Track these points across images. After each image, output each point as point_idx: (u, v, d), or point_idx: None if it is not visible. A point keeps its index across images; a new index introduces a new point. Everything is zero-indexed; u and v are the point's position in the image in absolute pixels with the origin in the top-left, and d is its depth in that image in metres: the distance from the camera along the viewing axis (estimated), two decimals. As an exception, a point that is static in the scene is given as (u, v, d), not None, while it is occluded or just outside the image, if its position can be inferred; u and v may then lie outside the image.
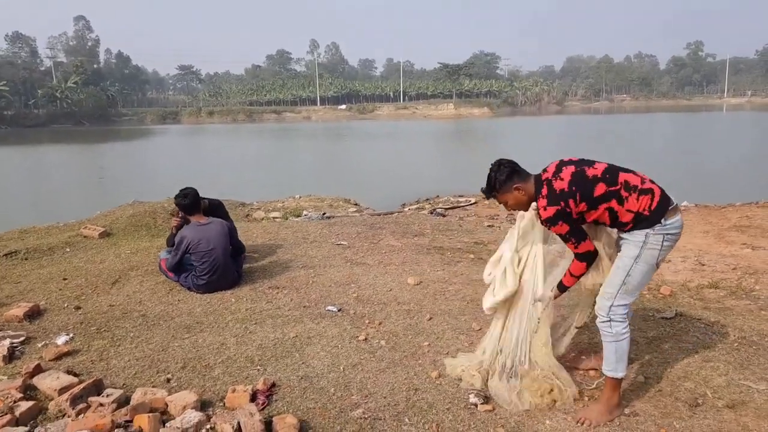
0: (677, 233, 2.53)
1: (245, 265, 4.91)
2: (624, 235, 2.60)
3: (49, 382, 2.87)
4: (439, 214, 8.55)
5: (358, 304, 4.04)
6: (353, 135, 46.84)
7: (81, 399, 2.71)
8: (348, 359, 3.16)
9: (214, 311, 3.95)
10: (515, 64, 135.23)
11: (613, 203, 2.51)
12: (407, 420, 2.57)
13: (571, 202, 2.50)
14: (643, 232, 2.50)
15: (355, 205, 9.08)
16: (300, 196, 9.68)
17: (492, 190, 2.72)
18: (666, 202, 2.49)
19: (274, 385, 2.86)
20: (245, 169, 22.56)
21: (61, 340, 3.50)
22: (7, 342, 3.39)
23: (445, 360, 3.14)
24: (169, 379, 2.99)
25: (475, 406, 2.67)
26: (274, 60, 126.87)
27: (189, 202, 4.45)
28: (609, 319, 2.59)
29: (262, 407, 2.64)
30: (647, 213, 2.48)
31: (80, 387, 2.76)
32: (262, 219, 7.59)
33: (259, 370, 3.06)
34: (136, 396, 2.71)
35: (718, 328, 3.59)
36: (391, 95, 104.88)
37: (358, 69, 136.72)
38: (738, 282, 5.01)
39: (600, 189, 2.50)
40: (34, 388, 2.88)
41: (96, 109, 78.31)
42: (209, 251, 4.28)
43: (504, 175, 2.67)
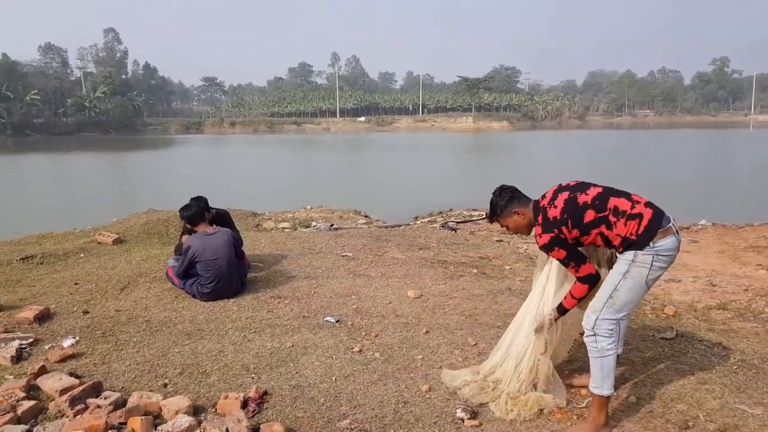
0: (670, 255, 2.55)
1: (250, 274, 5.00)
2: (617, 254, 2.65)
3: (52, 383, 2.96)
4: (450, 228, 8.56)
5: (357, 315, 4.08)
6: (371, 147, 47.11)
7: (80, 400, 2.79)
8: (341, 370, 3.20)
9: (216, 319, 4.03)
10: (536, 78, 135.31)
11: (603, 228, 2.58)
12: (393, 432, 2.59)
13: (564, 229, 2.60)
14: (632, 252, 2.55)
15: (365, 217, 9.15)
16: (311, 207, 9.78)
17: (494, 215, 2.87)
18: (655, 225, 2.52)
19: (266, 393, 2.91)
20: (261, 180, 22.85)
21: (67, 342, 3.61)
22: (16, 343, 3.51)
23: (445, 370, 3.15)
24: (166, 384, 3.06)
25: (462, 420, 2.68)
26: (295, 72, 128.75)
27: (190, 214, 4.58)
28: (594, 334, 2.60)
29: (252, 414, 2.70)
30: (634, 237, 2.52)
31: (80, 389, 2.84)
32: (271, 229, 7.69)
33: (253, 378, 3.12)
34: (132, 399, 2.79)
35: (719, 350, 3.54)
36: (410, 108, 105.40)
37: (378, 82, 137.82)
38: (748, 303, 4.93)
39: (589, 215, 2.58)
40: (37, 389, 2.97)
41: (122, 119, 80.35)
42: (214, 260, 4.38)
43: (504, 200, 2.81)
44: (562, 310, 2.79)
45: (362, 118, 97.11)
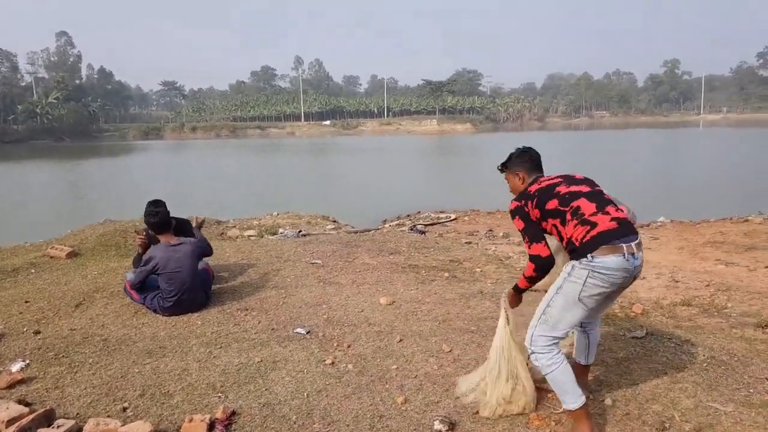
0: (609, 275, 2.35)
1: (214, 285, 4.81)
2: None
3: (-2, 412, 2.75)
4: (418, 231, 8.51)
5: (328, 325, 3.96)
6: (337, 151, 46.91)
7: (30, 431, 2.59)
8: (313, 385, 3.08)
9: (179, 335, 3.84)
10: (497, 81, 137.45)
11: (558, 222, 2.51)
12: (370, 449, 2.49)
13: (529, 204, 2.60)
14: (571, 263, 2.45)
15: (334, 222, 9.01)
16: (278, 214, 9.58)
17: (504, 165, 2.87)
18: (603, 239, 2.35)
19: (234, 413, 2.76)
20: (225, 186, 22.39)
21: (16, 366, 3.37)
22: (-41, 369, 3.26)
23: (459, 379, 3.03)
24: (125, 408, 2.88)
25: (440, 432, 2.60)
26: (258, 76, 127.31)
27: (159, 221, 4.34)
28: (532, 351, 2.52)
29: (220, 437, 2.55)
30: (577, 244, 2.41)
31: (29, 418, 2.63)
32: (236, 237, 7.48)
33: (220, 397, 2.96)
34: (88, 427, 2.60)
35: (689, 348, 3.58)
36: (375, 111, 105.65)
37: (343, 85, 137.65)
38: (711, 299, 5.03)
39: (552, 204, 2.54)
40: (-18, 419, 2.75)
41: (77, 125, 77.70)
42: (177, 273, 4.18)
43: (519, 159, 2.81)
44: (517, 289, 2.76)
45: (327, 122, 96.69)
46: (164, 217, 4.37)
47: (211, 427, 2.59)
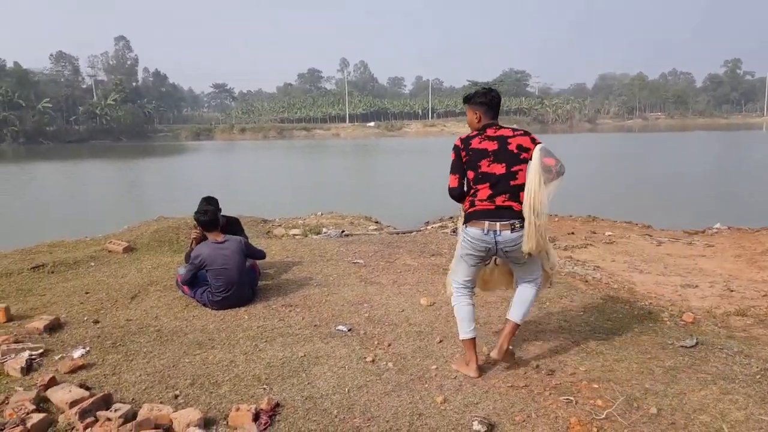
0: (473, 243, 3.06)
1: (260, 282, 4.96)
2: None
3: (62, 395, 2.93)
4: (460, 234, 8.49)
5: (369, 324, 4.03)
6: (381, 152, 47.13)
7: (90, 413, 2.75)
8: (354, 381, 3.15)
9: (227, 328, 4.00)
10: (546, 82, 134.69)
11: (466, 188, 3.16)
12: (408, 445, 2.53)
13: (463, 153, 3.12)
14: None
15: (376, 223, 9.09)
16: (322, 214, 9.74)
17: (467, 100, 3.27)
18: (474, 216, 3.05)
19: (278, 405, 2.86)
20: (271, 186, 22.90)
21: (78, 353, 3.59)
22: (26, 354, 3.48)
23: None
24: (176, 396, 3.02)
25: (479, 433, 2.61)
26: (305, 78, 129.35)
27: (208, 219, 4.54)
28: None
29: (264, 428, 2.64)
30: (463, 214, 3.15)
31: (89, 401, 2.80)
32: (282, 236, 7.66)
33: (265, 389, 3.07)
34: (143, 412, 2.74)
35: (741, 359, 3.44)
36: (420, 112, 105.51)
37: (387, 87, 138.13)
38: (767, 309, 4.81)
39: (471, 174, 3.10)
40: (47, 401, 2.93)
41: (133, 126, 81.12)
42: (225, 269, 4.34)
43: (480, 96, 3.19)
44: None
45: (371, 124, 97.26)
46: (213, 216, 4.56)
47: (256, 417, 2.69)
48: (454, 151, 3.16)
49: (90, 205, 18.91)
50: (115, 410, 2.76)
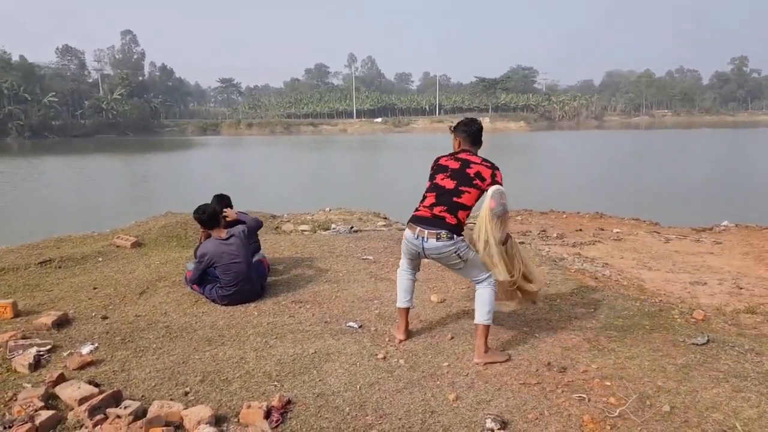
0: (405, 242, 3.48)
1: (270, 277, 4.95)
2: None
3: (70, 391, 2.90)
4: (469, 230, 8.44)
5: (380, 320, 4.00)
6: (388, 148, 47.07)
7: (99, 410, 2.73)
8: (365, 378, 3.12)
9: (237, 324, 3.98)
10: (553, 79, 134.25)
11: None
12: (421, 444, 2.51)
13: (433, 164, 3.55)
14: None
15: (384, 219, 9.05)
16: (330, 209, 9.71)
17: (455, 127, 3.62)
18: (411, 220, 3.44)
19: (290, 402, 2.84)
20: (279, 181, 22.90)
21: (86, 349, 3.57)
22: (34, 350, 3.46)
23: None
24: (187, 393, 3.00)
25: (492, 431, 2.59)
26: (312, 73, 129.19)
27: (206, 217, 4.51)
28: None
29: (276, 425, 2.63)
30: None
31: (99, 398, 2.78)
32: (290, 232, 7.64)
33: (276, 386, 3.05)
34: (153, 409, 2.73)
35: (753, 356, 3.41)
36: (427, 108, 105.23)
37: (395, 82, 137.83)
38: (779, 308, 4.76)
39: (428, 184, 3.48)
40: (55, 397, 2.91)
41: (139, 120, 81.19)
42: (233, 264, 4.32)
43: (463, 126, 3.58)
44: None
45: (379, 119, 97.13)
46: (212, 214, 4.52)
47: (268, 414, 2.67)
48: (432, 165, 3.58)
49: (97, 200, 18.97)
50: (125, 407, 2.74)
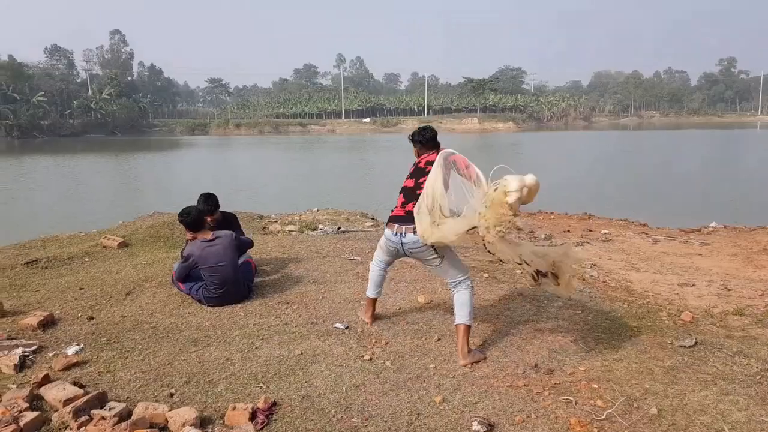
0: (386, 239, 3.66)
1: (257, 278, 4.92)
2: None
3: (55, 393, 2.88)
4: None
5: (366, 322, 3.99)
6: (375, 148, 47.07)
7: (84, 411, 2.71)
8: (351, 379, 3.11)
9: (223, 325, 3.95)
10: (541, 80, 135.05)
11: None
12: (407, 446, 2.50)
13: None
14: None
15: (372, 219, 9.04)
16: (317, 210, 9.69)
17: (411, 138, 3.82)
18: (390, 220, 3.64)
19: (275, 404, 2.83)
20: (267, 181, 22.81)
21: (72, 350, 3.53)
22: (19, 351, 3.42)
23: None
24: (172, 394, 2.98)
25: (478, 433, 2.59)
26: (300, 74, 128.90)
27: (190, 220, 4.46)
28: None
29: (261, 427, 2.61)
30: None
31: (83, 399, 2.76)
32: (278, 232, 7.61)
33: (261, 387, 3.03)
34: (138, 410, 2.70)
35: (741, 359, 3.44)
36: (416, 109, 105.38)
37: (383, 83, 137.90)
38: (766, 309, 4.80)
39: (405, 182, 3.66)
40: (40, 398, 2.88)
41: (128, 120, 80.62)
42: (218, 267, 4.29)
43: (418, 135, 3.77)
44: None
45: (367, 120, 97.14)
46: (197, 217, 4.49)
47: (253, 416, 2.66)
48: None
49: (84, 200, 18.78)
50: (110, 409, 2.72)
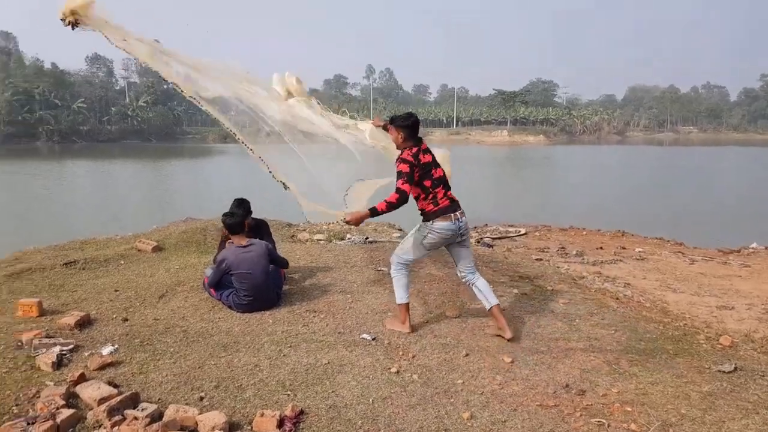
0: (441, 233, 3.83)
1: (285, 286, 4.96)
2: None
3: (90, 391, 2.96)
4: (486, 245, 8.39)
5: (393, 334, 3.98)
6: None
7: (117, 411, 2.77)
8: (378, 391, 3.11)
9: (252, 332, 3.99)
10: (574, 93, 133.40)
11: (422, 194, 3.86)
12: (434, 461, 2.48)
13: (416, 168, 3.78)
14: (421, 224, 3.94)
15: (399, 230, 9.03)
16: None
17: (392, 120, 3.94)
18: (443, 212, 3.81)
19: (302, 412, 2.84)
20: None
21: (106, 350, 3.62)
22: (57, 349, 3.53)
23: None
24: (202, 398, 3.02)
25: (507, 452, 2.55)
26: (330, 84, 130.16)
27: (234, 222, 4.56)
28: (391, 263, 4.10)
29: (288, 435, 2.62)
30: (427, 211, 3.86)
31: (117, 399, 2.82)
32: (306, 241, 7.67)
33: (289, 395, 3.05)
34: (169, 412, 2.75)
35: (783, 387, 3.30)
36: (444, 120, 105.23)
37: (412, 94, 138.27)
38: (809, 335, 4.61)
39: (427, 183, 3.83)
40: (76, 396, 2.97)
41: (163, 127, 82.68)
42: (249, 274, 4.34)
43: (402, 120, 3.88)
44: (373, 211, 3.76)
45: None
46: (240, 220, 4.59)
47: (280, 424, 2.67)
48: (407, 163, 3.76)
49: (120, 204, 19.28)
50: (142, 409, 2.77)
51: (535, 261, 6.94)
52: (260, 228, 5.26)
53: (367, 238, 7.54)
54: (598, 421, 2.84)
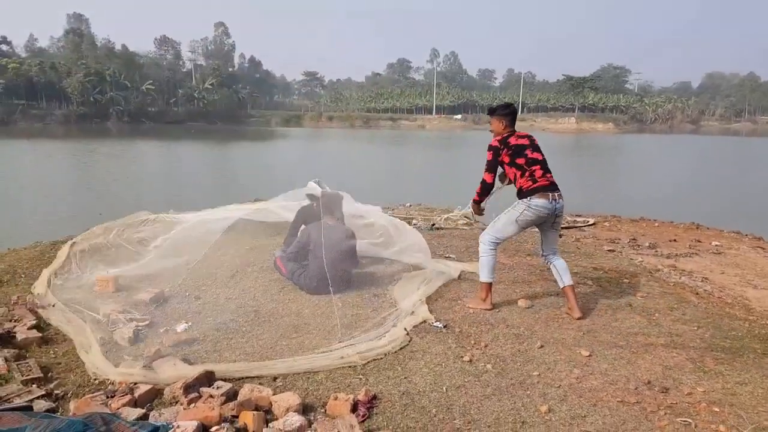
0: (537, 209, 3.91)
1: (354, 270, 4.94)
2: None
3: (167, 368, 3.03)
4: (553, 233, 8.09)
5: (465, 322, 3.88)
6: (466, 145, 46.41)
7: (193, 388, 2.82)
8: (451, 380, 3.03)
9: (322, 314, 4.01)
10: (647, 79, 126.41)
11: (518, 173, 3.96)
12: (512, 456, 2.38)
13: (505, 150, 3.98)
14: (517, 201, 3.99)
15: (466, 217, 8.86)
16: (410, 205, 9.64)
17: (492, 111, 4.14)
18: (539, 190, 3.90)
19: (375, 397, 2.81)
20: (359, 174, 23.17)
21: (181, 327, 3.72)
22: (133, 324, 3.66)
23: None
24: (275, 378, 3.05)
25: (590, 452, 2.42)
26: (393, 68, 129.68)
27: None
28: (481, 242, 4.13)
29: (362, 419, 2.60)
30: (524, 190, 3.94)
31: (193, 376, 2.87)
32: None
33: (360, 379, 3.03)
34: (244, 391, 2.78)
35: None
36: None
37: (477, 79, 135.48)
38: None
39: (521, 161, 3.96)
40: (153, 371, 3.04)
41: (227, 110, 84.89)
42: (327, 254, 4.32)
43: (504, 109, 4.11)
44: (474, 201, 4.20)
45: (458, 116, 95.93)
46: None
47: (354, 408, 2.65)
48: (492, 151, 4.00)
49: (192, 184, 20.05)
50: (217, 387, 2.82)
51: (607, 252, 6.62)
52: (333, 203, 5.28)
53: (433, 225, 7.45)
54: (684, 421, 2.67)
